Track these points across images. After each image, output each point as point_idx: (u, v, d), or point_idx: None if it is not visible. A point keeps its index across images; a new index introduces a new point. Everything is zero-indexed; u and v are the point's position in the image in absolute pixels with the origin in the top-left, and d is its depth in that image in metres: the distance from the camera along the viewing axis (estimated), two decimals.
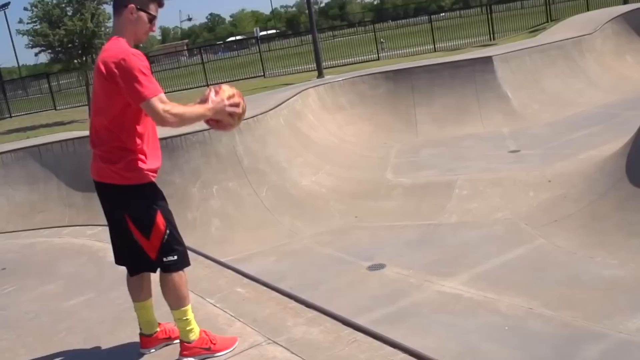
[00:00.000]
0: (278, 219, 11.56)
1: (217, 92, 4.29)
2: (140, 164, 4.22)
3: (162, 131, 12.65)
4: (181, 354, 4.55)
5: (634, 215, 8.39)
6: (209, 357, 4.60)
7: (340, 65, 25.29)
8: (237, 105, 4.33)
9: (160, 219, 4.28)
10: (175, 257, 4.37)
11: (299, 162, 13.09)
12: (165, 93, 4.17)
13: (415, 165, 13.27)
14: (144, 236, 4.29)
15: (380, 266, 9.02)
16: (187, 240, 11.12)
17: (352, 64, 26.76)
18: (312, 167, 13.10)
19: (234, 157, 12.36)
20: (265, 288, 5.83)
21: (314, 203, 12.01)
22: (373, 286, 8.42)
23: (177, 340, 4.67)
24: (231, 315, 5.26)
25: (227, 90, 4.34)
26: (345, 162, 13.86)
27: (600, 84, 17.90)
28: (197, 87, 29.57)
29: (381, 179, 12.68)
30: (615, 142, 10.36)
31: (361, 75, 17.95)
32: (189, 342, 4.52)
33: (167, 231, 4.32)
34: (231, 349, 4.66)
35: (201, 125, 4.78)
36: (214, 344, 4.58)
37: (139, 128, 4.21)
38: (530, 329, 6.59)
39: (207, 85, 28.01)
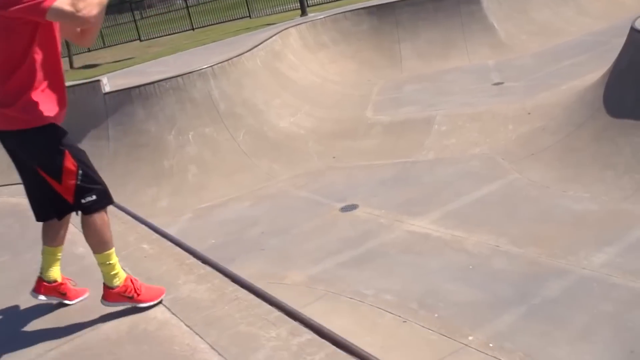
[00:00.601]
0: (255, 163, 11.36)
1: None
2: (40, 106, 3.97)
3: (134, 79, 12.47)
4: (103, 298, 4.44)
5: (610, 146, 8.14)
6: (131, 306, 4.47)
7: (326, 2, 24.67)
8: None
9: (69, 161, 4.06)
10: (94, 197, 4.18)
11: (277, 103, 12.81)
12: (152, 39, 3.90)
13: (396, 102, 12.96)
14: (56, 181, 4.09)
15: (352, 207, 8.84)
16: (164, 189, 11.00)
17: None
18: (291, 109, 12.82)
19: (210, 102, 12.10)
20: (170, 244, 5.67)
21: (292, 145, 11.77)
22: (343, 228, 8.25)
23: (71, 302, 4.54)
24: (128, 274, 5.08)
25: None
26: (326, 102, 13.56)
27: (591, 10, 17.38)
28: (182, 32, 29.06)
29: (361, 117, 12.40)
30: (599, 71, 10.02)
31: (344, 12, 17.48)
32: (112, 288, 4.39)
33: (80, 171, 4.11)
34: (155, 302, 4.50)
35: (176, 71, 4.59)
36: (138, 293, 4.44)
37: (37, 66, 3.95)
38: (494, 268, 6.43)
39: (193, 29, 27.56)
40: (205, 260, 5.39)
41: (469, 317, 5.68)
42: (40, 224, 4.57)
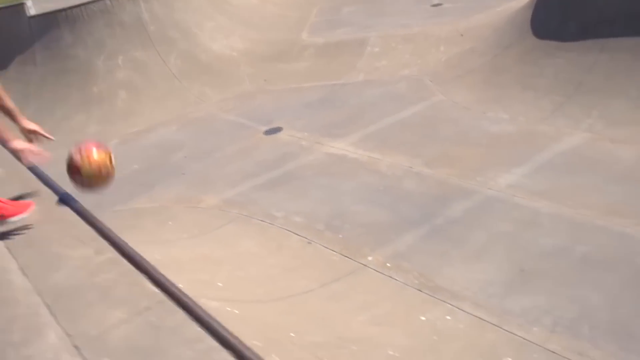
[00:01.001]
0: (186, 87, 11.13)
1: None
2: None
3: (61, 2, 11.98)
4: None
5: (532, 68, 8.08)
6: None
7: None
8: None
9: None
10: None
11: (211, 26, 12.46)
12: None
13: (333, 24, 12.69)
14: None
15: (277, 130, 8.72)
16: (93, 115, 10.70)
17: None
18: (225, 31, 12.49)
19: (140, 25, 11.73)
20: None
21: (224, 68, 11.52)
22: (265, 151, 8.14)
23: None
24: None
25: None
26: (261, 24, 13.24)
27: None
28: None
29: (296, 39, 12.14)
30: None
31: None
32: None
33: None
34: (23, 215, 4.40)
35: None
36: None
37: None
38: (404, 189, 6.39)
39: None
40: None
41: (372, 237, 5.65)
42: None
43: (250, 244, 5.94)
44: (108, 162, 4.01)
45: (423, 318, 4.50)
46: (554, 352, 3.97)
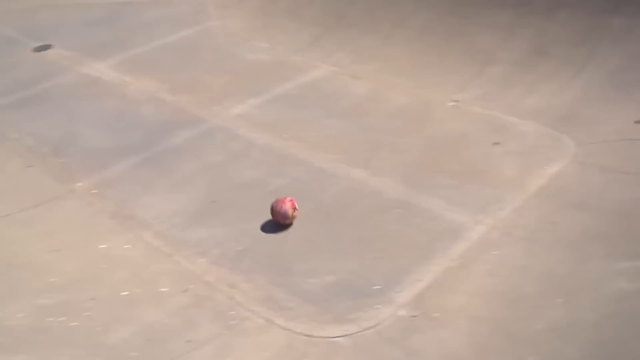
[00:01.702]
0: None
1: None
2: None
3: None
4: None
5: None
6: None
7: None
8: None
9: None
10: None
11: None
12: None
13: None
14: None
15: (46, 47, 8.36)
16: None
17: None
18: None
19: None
20: None
21: None
22: (27, 68, 7.82)
23: None
24: None
25: None
26: None
27: None
28: None
29: None
30: None
31: None
32: None
33: None
34: None
35: None
36: None
37: None
38: (140, 115, 6.34)
39: None
40: None
41: (90, 163, 5.58)
42: None
43: None
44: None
45: (102, 246, 4.49)
46: (208, 283, 4.07)
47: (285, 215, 4.47)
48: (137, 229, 4.65)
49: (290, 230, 4.47)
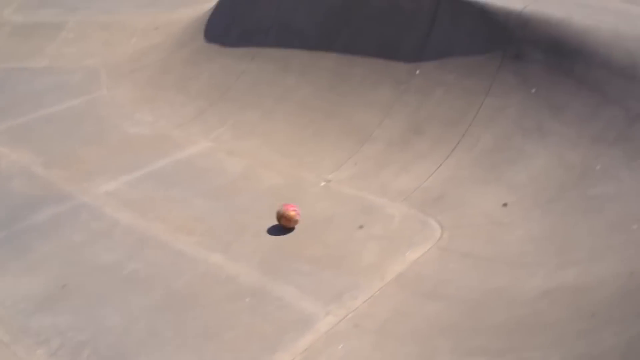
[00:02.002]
0: None
1: None
2: None
3: None
4: None
5: (193, 71, 8.16)
6: None
7: None
8: None
9: None
10: None
11: None
12: None
13: (44, 2, 12.06)
14: None
15: None
16: None
17: None
18: None
19: None
20: None
21: None
22: None
23: None
24: None
25: None
26: None
27: None
28: None
29: None
30: None
31: None
32: None
33: None
34: None
35: None
36: None
37: None
38: (9, 189, 6.23)
39: None
40: None
41: None
42: None
43: None
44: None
45: None
46: None
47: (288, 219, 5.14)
48: None
49: (138, 317, 4.33)
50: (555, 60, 5.91)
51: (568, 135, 5.46)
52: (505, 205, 5.36)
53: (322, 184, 5.90)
